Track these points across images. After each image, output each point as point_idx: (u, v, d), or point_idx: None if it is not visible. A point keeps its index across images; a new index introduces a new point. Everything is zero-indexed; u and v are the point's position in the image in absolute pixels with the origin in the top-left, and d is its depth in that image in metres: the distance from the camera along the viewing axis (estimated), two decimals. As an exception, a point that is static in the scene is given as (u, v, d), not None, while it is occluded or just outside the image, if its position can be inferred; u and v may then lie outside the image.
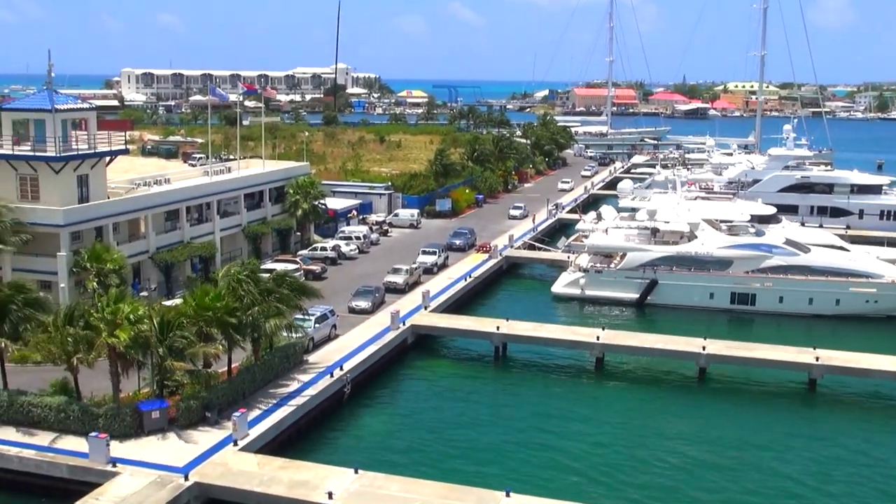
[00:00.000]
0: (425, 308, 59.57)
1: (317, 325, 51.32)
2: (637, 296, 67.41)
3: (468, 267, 72.77)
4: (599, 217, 77.92)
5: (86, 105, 58.78)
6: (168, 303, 55.56)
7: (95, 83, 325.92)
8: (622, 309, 67.10)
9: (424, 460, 40.13)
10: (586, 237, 74.44)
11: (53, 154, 52.93)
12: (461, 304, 65.56)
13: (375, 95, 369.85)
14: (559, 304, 69.02)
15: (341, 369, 47.21)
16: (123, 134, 63.40)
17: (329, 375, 46.39)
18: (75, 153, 54.41)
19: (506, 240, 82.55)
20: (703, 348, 51.75)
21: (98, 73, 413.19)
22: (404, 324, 55.82)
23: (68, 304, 40.29)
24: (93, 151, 55.82)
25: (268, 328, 43.24)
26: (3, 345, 40.05)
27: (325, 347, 51.41)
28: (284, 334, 45.91)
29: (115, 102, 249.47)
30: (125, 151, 59.68)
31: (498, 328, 55.25)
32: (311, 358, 49.24)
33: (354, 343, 52.17)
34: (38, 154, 53.33)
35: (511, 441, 42.66)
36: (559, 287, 69.80)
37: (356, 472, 35.66)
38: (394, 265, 67.84)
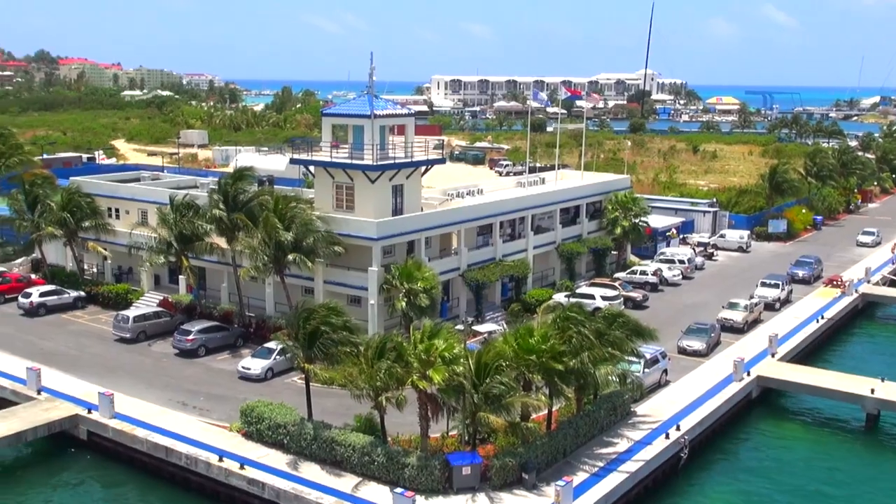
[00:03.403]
0: (772, 355, 49.74)
1: (646, 370, 43.70)
2: None
3: (817, 304, 61.28)
4: None
5: (404, 111, 55.50)
6: (479, 328, 50.94)
7: (407, 89, 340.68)
8: None
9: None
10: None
11: (370, 162, 49.91)
12: (810, 351, 54.72)
13: (681, 102, 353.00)
14: (939, 359, 55.67)
15: (678, 429, 39.17)
16: (440, 142, 59.81)
17: (664, 435, 38.60)
18: (392, 162, 51.14)
19: (859, 272, 69.57)
20: None
21: (410, 79, 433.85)
22: (748, 374, 46.53)
23: (380, 336, 35.90)
24: (409, 160, 52.29)
25: (599, 377, 36.21)
26: (311, 373, 36.57)
27: (654, 396, 43.72)
28: (614, 380, 38.59)
29: (424, 108, 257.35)
30: (442, 161, 55.73)
31: (872, 391, 44.17)
32: (640, 409, 41.75)
33: (689, 394, 43.92)
34: (355, 162, 50.62)
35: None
36: (939, 338, 56.39)
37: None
38: (730, 298, 58.32)
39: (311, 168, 53.80)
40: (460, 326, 44.68)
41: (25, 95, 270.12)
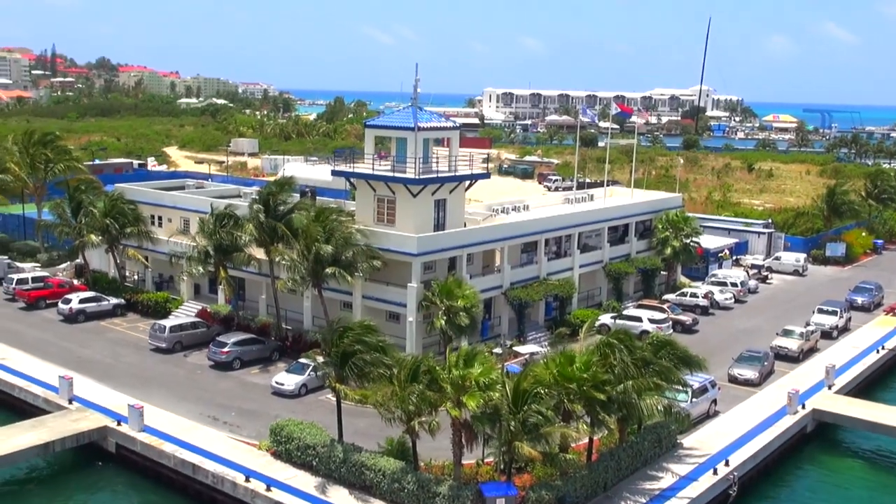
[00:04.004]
0: (829, 387, 47.25)
1: (694, 400, 41.64)
2: None
3: (877, 334, 58.42)
4: None
5: (449, 123, 54.21)
6: (520, 349, 49.33)
7: (458, 101, 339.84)
8: None
9: None
10: None
11: (413, 176, 48.69)
12: (870, 383, 51.99)
13: (737, 119, 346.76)
14: None
15: (727, 464, 37.09)
16: (486, 155, 58.42)
17: (712, 471, 36.54)
18: (435, 176, 49.87)
19: (922, 301, 66.44)
20: None
21: (461, 92, 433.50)
22: (803, 406, 44.16)
23: (414, 357, 34.44)
24: (453, 174, 51.00)
25: (643, 408, 34.32)
26: (342, 393, 35.33)
27: (702, 428, 41.60)
28: (660, 410, 36.56)
29: (475, 120, 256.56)
30: (486, 176, 54.29)
31: (937, 430, 41.61)
32: (687, 442, 39.65)
33: (739, 426, 41.71)
34: (397, 175, 49.47)
35: None
36: None
37: None
38: (784, 325, 55.82)
39: (353, 180, 52.82)
40: (498, 350, 42.99)
41: (85, 101, 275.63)
